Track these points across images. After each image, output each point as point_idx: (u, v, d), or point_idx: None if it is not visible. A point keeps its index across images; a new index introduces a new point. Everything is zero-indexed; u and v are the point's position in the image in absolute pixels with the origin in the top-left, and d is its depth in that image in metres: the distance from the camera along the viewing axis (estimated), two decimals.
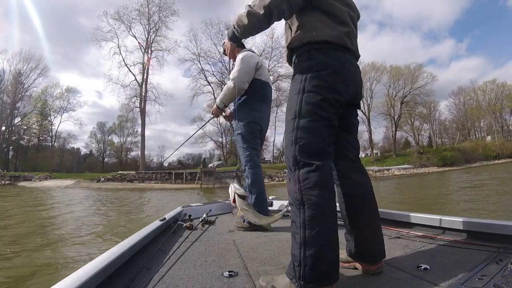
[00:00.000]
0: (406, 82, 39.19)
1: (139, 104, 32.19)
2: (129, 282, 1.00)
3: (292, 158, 0.95)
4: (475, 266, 0.99)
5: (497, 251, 1.09)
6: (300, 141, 0.94)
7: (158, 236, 1.63)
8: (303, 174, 0.91)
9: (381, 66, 39.67)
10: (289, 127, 0.99)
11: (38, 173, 28.74)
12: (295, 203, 0.90)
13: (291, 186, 0.93)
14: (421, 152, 32.13)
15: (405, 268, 1.06)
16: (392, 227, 1.64)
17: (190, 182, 22.58)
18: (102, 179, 24.12)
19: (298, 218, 0.88)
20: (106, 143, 45.76)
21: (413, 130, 43.10)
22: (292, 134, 0.96)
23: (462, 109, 45.10)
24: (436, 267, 1.03)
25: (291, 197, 0.93)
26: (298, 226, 0.87)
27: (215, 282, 1.03)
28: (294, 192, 0.91)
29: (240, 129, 2.16)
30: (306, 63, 1.00)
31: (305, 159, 0.92)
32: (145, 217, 7.28)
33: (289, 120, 0.99)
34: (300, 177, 0.91)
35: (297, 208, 0.89)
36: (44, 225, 6.06)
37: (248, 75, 2.11)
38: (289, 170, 0.98)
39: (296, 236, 0.88)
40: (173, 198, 12.83)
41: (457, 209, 6.71)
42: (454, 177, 18.31)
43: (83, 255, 3.69)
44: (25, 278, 2.92)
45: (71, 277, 0.82)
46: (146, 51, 32.24)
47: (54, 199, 12.75)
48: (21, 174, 28.86)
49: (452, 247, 1.24)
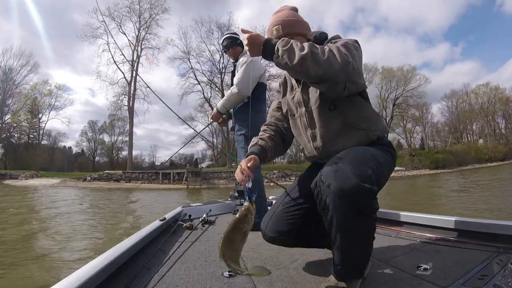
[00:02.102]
0: (398, 84, 39.12)
1: (127, 102, 31.77)
2: (129, 282, 0.99)
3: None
4: (475, 266, 0.99)
5: (497, 251, 1.09)
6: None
7: (158, 236, 1.63)
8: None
9: (372, 67, 39.55)
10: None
11: (25, 171, 28.21)
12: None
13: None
14: (413, 155, 32.06)
15: (405, 268, 1.06)
16: (392, 227, 1.65)
17: (177, 182, 22.24)
18: (89, 178, 23.73)
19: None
20: (97, 142, 45.14)
21: (405, 132, 43.05)
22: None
23: (454, 112, 45.01)
24: (436, 267, 1.03)
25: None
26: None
27: (215, 282, 1.03)
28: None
29: (244, 129, 2.17)
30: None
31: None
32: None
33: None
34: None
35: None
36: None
37: (253, 82, 2.11)
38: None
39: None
40: (152, 201, 11.84)
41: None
42: (449, 179, 18.29)
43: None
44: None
45: (71, 277, 0.82)
46: (136, 48, 31.82)
47: (27, 197, 12.32)
48: (8, 172, 28.34)
49: (452, 247, 1.24)
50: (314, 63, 0.87)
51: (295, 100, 1.15)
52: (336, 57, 0.89)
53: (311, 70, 0.88)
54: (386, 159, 1.00)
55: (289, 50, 0.90)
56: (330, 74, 0.89)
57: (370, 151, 0.97)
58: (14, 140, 38.60)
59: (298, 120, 1.14)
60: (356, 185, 0.80)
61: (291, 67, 0.90)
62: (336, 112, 1.04)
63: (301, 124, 1.13)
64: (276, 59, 0.94)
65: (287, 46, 0.91)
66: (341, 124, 1.03)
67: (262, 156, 1.10)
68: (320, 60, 0.88)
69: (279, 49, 0.92)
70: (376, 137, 1.05)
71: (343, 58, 0.89)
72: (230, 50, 2.30)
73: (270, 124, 1.24)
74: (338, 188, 0.81)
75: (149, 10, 31.46)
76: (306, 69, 0.88)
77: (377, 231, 1.62)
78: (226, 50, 2.34)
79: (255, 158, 1.05)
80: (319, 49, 0.90)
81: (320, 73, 0.88)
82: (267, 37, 1.04)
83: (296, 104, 1.14)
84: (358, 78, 0.98)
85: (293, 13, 1.17)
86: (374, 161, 0.92)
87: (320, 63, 0.88)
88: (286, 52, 0.90)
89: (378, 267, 1.11)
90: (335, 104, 1.03)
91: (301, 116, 1.12)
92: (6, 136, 36.88)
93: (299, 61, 0.88)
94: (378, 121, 1.09)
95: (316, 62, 0.87)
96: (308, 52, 0.88)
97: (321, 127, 1.06)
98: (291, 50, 0.90)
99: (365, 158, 0.92)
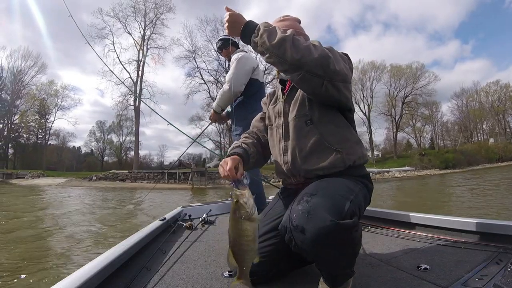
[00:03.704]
0: (407, 82, 38.47)
1: (133, 102, 32.04)
2: (129, 282, 1.00)
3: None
4: (475, 266, 0.99)
5: (497, 251, 1.09)
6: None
7: (158, 236, 1.64)
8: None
9: (380, 65, 39.17)
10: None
11: (31, 170, 28.72)
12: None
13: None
14: (422, 154, 31.70)
15: (405, 268, 1.06)
16: (392, 227, 1.64)
17: (183, 182, 22.38)
18: (94, 178, 24.00)
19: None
20: (105, 142, 45.73)
21: (415, 131, 42.60)
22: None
23: (464, 110, 44.24)
24: (436, 267, 1.03)
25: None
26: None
27: (215, 282, 1.03)
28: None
29: (238, 130, 2.15)
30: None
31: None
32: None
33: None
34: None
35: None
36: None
37: (245, 77, 2.09)
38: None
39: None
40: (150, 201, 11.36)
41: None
42: (459, 180, 17.63)
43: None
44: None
45: (71, 277, 0.83)
46: (142, 48, 32.13)
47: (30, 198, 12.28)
48: (14, 171, 28.86)
49: (452, 247, 1.24)
50: (293, 46, 0.86)
51: (275, 109, 1.12)
52: (316, 48, 0.87)
53: (288, 52, 0.86)
54: (361, 189, 0.94)
55: (270, 30, 0.89)
56: (307, 60, 0.86)
57: (344, 182, 0.91)
58: (22, 140, 39.27)
59: (275, 131, 1.11)
60: (335, 226, 0.73)
61: (268, 46, 0.87)
62: (311, 128, 0.99)
63: (276, 135, 1.10)
64: (255, 38, 0.90)
65: (270, 27, 0.90)
66: (315, 141, 0.97)
67: (246, 159, 1.02)
68: (300, 46, 0.86)
69: (260, 28, 0.90)
70: (352, 162, 0.96)
71: (323, 52, 0.87)
72: (223, 50, 2.35)
73: (252, 133, 1.21)
74: (314, 234, 0.73)
75: (154, 10, 31.71)
76: (284, 51, 0.86)
77: (377, 231, 1.62)
78: (220, 52, 2.39)
79: (236, 158, 0.96)
80: (301, 37, 0.89)
81: (297, 57, 0.86)
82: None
83: (276, 113, 1.12)
84: (343, 87, 0.94)
85: (296, 24, 1.15)
86: (350, 192, 0.86)
87: (299, 48, 0.86)
88: (267, 31, 0.89)
89: (378, 267, 1.10)
90: (312, 119, 0.99)
91: (278, 127, 1.09)
92: (14, 137, 37.53)
93: (278, 41, 0.86)
94: (357, 146, 1.01)
95: (295, 46, 0.86)
96: (290, 35, 0.87)
97: (294, 141, 1.01)
98: (273, 30, 0.89)
99: (340, 190, 0.85)
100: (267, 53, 0.90)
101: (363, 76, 39.06)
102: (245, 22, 0.94)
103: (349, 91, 0.98)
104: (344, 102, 1.00)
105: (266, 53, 0.90)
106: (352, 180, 0.94)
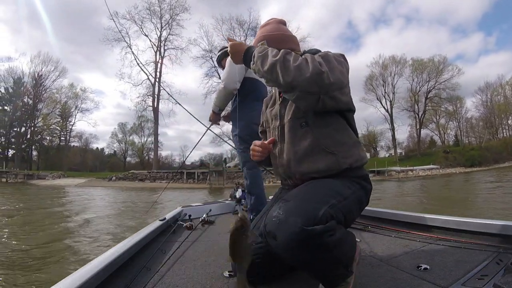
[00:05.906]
0: (430, 76, 36.77)
1: (151, 103, 32.45)
2: (129, 282, 1.00)
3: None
4: (475, 266, 0.99)
5: (497, 251, 1.09)
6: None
7: (158, 236, 1.64)
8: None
9: (401, 59, 37.67)
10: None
11: (53, 171, 29.55)
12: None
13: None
14: (447, 152, 30.32)
15: (405, 268, 1.06)
16: (392, 227, 1.64)
17: (202, 181, 22.63)
18: (114, 178, 24.43)
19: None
20: (127, 143, 46.92)
21: (439, 128, 41.11)
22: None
23: (489, 105, 42.05)
24: (436, 267, 1.03)
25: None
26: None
27: (215, 282, 1.03)
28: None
29: (237, 130, 2.14)
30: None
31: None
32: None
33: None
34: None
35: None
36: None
37: (238, 74, 2.07)
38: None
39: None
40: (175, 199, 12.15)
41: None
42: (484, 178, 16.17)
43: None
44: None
45: (71, 277, 0.82)
46: (159, 49, 32.55)
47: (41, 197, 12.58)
48: (36, 172, 29.65)
49: (452, 247, 1.23)
50: (283, 69, 0.84)
51: (273, 112, 1.13)
52: (308, 65, 0.83)
53: (280, 77, 0.85)
54: (354, 191, 0.92)
55: (263, 56, 0.89)
56: (299, 81, 0.83)
57: (332, 185, 0.89)
58: (45, 143, 40.86)
59: (271, 134, 1.11)
60: (302, 232, 0.71)
61: (262, 73, 0.89)
62: (306, 130, 0.97)
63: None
64: (253, 66, 0.92)
65: (263, 52, 0.90)
66: (310, 143, 0.96)
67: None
68: (290, 67, 0.84)
69: (255, 55, 0.91)
70: (347, 165, 0.94)
71: (315, 68, 0.83)
72: (222, 62, 2.36)
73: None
74: (284, 240, 0.73)
75: (169, 11, 32.14)
76: (276, 76, 0.86)
77: (377, 231, 1.62)
78: (220, 65, 2.40)
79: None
80: (293, 56, 0.87)
81: (288, 80, 0.84)
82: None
83: (272, 116, 1.12)
84: (340, 94, 0.91)
85: (280, 26, 1.14)
86: (334, 196, 0.84)
87: (289, 69, 0.84)
88: (260, 58, 0.89)
89: (378, 267, 1.10)
90: (307, 121, 0.97)
91: (275, 129, 1.09)
92: (38, 139, 38.76)
93: (269, 67, 0.86)
94: (354, 148, 0.98)
95: (285, 69, 0.84)
96: (279, 58, 0.86)
97: (288, 143, 1.01)
98: (265, 55, 0.89)
99: (320, 194, 0.84)
100: (263, 78, 0.92)
101: (384, 71, 37.84)
102: (245, 50, 0.96)
103: (346, 95, 0.96)
104: (343, 108, 0.99)
105: (263, 78, 0.92)
106: (347, 182, 0.93)
